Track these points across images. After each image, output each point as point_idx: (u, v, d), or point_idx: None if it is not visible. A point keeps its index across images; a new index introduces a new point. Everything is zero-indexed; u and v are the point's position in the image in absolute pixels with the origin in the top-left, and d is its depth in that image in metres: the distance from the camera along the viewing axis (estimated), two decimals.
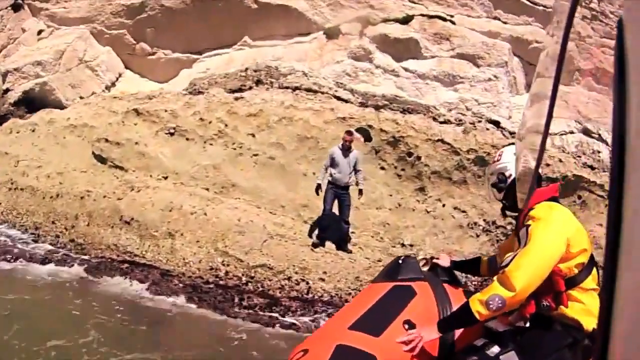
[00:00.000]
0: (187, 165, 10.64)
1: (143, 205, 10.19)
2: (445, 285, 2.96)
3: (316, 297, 8.77)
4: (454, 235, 10.05)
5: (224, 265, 9.24)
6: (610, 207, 0.70)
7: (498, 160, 2.98)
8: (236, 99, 11.06)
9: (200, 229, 9.72)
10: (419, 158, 10.50)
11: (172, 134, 11.04)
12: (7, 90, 13.85)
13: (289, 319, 8.14)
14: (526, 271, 2.43)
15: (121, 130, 11.31)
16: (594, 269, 2.59)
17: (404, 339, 2.52)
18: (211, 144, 10.80)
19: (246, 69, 11.51)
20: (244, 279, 9.05)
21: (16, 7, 15.60)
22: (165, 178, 10.60)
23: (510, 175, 2.82)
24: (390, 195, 10.43)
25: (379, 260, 9.47)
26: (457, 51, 11.53)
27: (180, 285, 8.90)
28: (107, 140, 11.29)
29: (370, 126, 10.68)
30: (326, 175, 9.32)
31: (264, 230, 9.58)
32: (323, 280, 8.93)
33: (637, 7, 0.70)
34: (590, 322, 2.45)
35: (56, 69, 14.12)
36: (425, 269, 3.21)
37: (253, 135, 10.75)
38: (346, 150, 9.22)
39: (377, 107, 10.87)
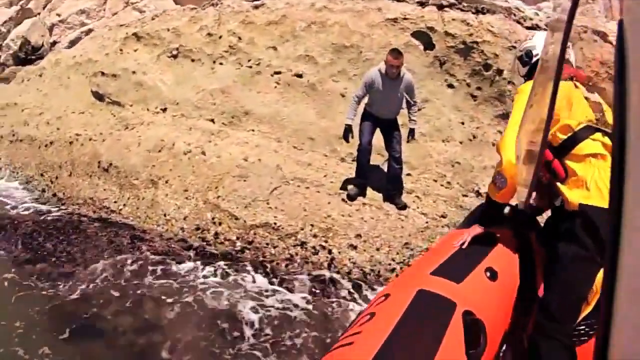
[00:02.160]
0: (190, 92, 7.22)
1: (128, 146, 7.01)
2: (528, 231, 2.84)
3: (342, 272, 5.23)
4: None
5: (214, 223, 5.81)
6: (610, 207, 0.67)
7: (530, 39, 2.98)
8: (255, 7, 7.69)
9: (193, 173, 6.42)
10: (499, 72, 6.72)
11: (175, 57, 7.77)
12: (54, 43, 12.16)
13: (294, 311, 4.76)
14: (504, 138, 2.49)
15: (118, 60, 7.97)
16: (598, 133, 2.42)
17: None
18: (221, 64, 7.27)
19: None
20: (238, 244, 5.59)
21: None
22: (164, 110, 7.27)
23: (537, 54, 2.77)
24: (462, 124, 6.62)
25: (443, 216, 5.77)
26: None
27: (149, 253, 5.65)
28: (103, 74, 8.30)
29: (431, 29, 6.86)
30: (358, 110, 5.82)
31: (277, 173, 6.05)
32: (354, 248, 5.36)
33: (637, 7, 0.67)
34: (577, 196, 2.32)
35: (101, 14, 11.95)
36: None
37: (274, 49, 7.16)
38: (392, 78, 5.58)
39: (441, 7, 7.44)
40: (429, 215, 5.93)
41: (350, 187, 6.02)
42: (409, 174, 6.33)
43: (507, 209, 2.93)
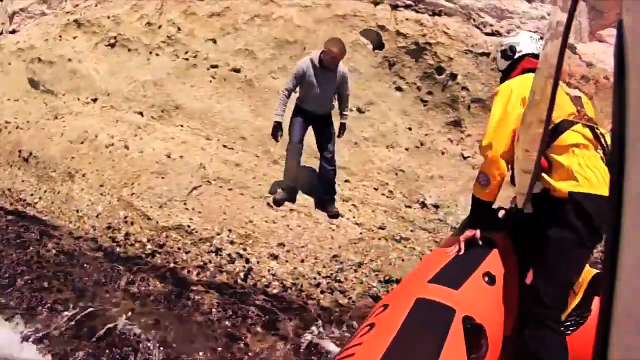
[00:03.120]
0: (123, 83, 6.51)
1: (51, 136, 6.29)
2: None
3: (259, 286, 4.51)
4: (503, 192, 5.80)
5: (126, 223, 5.10)
6: (610, 207, 0.66)
7: (514, 36, 2.98)
8: None
9: (112, 168, 5.68)
10: (453, 77, 6.12)
11: (112, 46, 7.08)
12: (13, 32, 11.51)
13: (194, 328, 3.99)
14: (485, 138, 2.60)
15: (56, 47, 7.28)
16: (579, 125, 2.44)
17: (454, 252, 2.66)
18: (157, 55, 6.59)
19: None
20: (149, 247, 4.86)
21: None
22: (95, 101, 6.53)
23: (521, 51, 2.80)
24: (409, 130, 5.97)
25: (382, 228, 5.10)
26: None
27: (54, 252, 5.14)
28: (40, 61, 7.63)
29: (382, 28, 6.22)
30: (284, 101, 5.09)
31: (199, 172, 5.35)
32: (276, 258, 4.67)
33: (637, 7, 0.67)
34: (566, 185, 2.33)
35: (62, 5, 11.46)
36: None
37: (214, 42, 6.48)
38: (327, 69, 4.95)
39: (396, 7, 6.79)
40: (365, 226, 5.20)
41: (278, 191, 5.29)
42: (347, 181, 5.63)
43: (501, 212, 2.99)
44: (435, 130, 6.07)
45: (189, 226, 4.98)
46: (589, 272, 2.71)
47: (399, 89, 6.19)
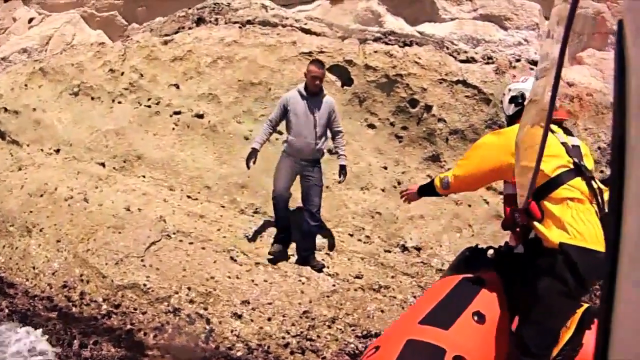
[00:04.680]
0: (85, 133, 6.13)
1: (11, 189, 5.97)
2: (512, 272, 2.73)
3: (221, 349, 4.09)
4: (487, 230, 5.26)
5: (81, 281, 4.77)
6: (611, 206, 0.67)
7: (524, 81, 2.90)
8: (164, 42, 6.73)
9: (70, 222, 5.32)
10: (428, 109, 5.73)
11: (76, 94, 6.78)
12: None
13: None
14: (461, 169, 2.74)
15: (22, 96, 6.93)
16: (577, 179, 2.41)
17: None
18: (120, 102, 6.23)
19: (189, 8, 7.41)
20: (104, 307, 4.45)
21: None
22: (57, 151, 6.18)
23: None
24: (385, 168, 5.61)
25: (358, 277, 4.72)
26: (479, 12, 7.19)
27: (6, 311, 4.74)
28: (6, 110, 7.33)
29: (349, 62, 5.87)
30: (269, 136, 4.90)
31: (158, 226, 4.96)
32: (239, 317, 4.25)
33: (637, 7, 0.67)
34: (557, 235, 2.30)
35: (42, 55, 11.33)
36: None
37: (177, 86, 6.13)
38: (312, 95, 4.68)
39: (364, 40, 6.47)
40: (339, 276, 4.77)
41: (274, 246, 4.92)
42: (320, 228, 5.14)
43: (490, 252, 2.93)
44: (412, 167, 5.67)
45: (144, 284, 4.55)
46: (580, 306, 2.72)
47: (371, 125, 5.82)
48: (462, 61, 6.02)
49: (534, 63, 5.73)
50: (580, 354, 2.57)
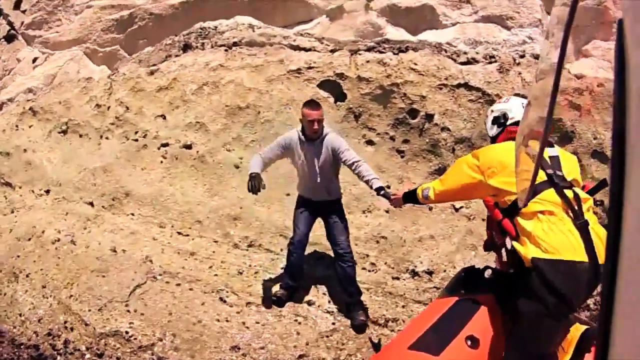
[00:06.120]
0: (74, 171, 5.87)
1: (0, 233, 5.85)
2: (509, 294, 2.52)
3: None
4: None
5: (66, 328, 4.47)
6: (611, 205, 0.65)
7: (506, 102, 2.89)
8: (150, 73, 6.35)
9: (56, 266, 4.99)
10: (429, 118, 5.22)
11: (64, 132, 6.52)
12: None
13: None
14: (441, 183, 2.79)
15: (13, 137, 6.76)
16: (549, 191, 2.35)
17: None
18: (107, 138, 5.93)
19: (175, 35, 7.09)
20: (87, 355, 4.08)
21: (9, 38, 13.07)
22: (47, 192, 5.89)
23: (513, 118, 2.74)
24: (388, 187, 4.95)
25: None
26: (480, 14, 6.70)
27: None
28: None
29: (341, 75, 5.43)
30: (261, 164, 4.01)
31: (143, 267, 4.56)
32: None
33: (637, 7, 0.66)
34: (531, 251, 2.24)
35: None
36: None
37: (163, 117, 5.81)
38: (312, 140, 4.04)
39: (356, 51, 6.02)
40: (341, 312, 4.25)
41: (278, 290, 4.40)
42: (319, 258, 4.73)
43: (487, 272, 2.77)
44: (417, 182, 5.16)
45: (126, 332, 4.16)
46: (576, 328, 2.55)
47: (369, 142, 5.36)
48: (462, 63, 5.53)
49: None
50: None
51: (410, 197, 3.08)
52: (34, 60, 12.39)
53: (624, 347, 0.60)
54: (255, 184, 3.81)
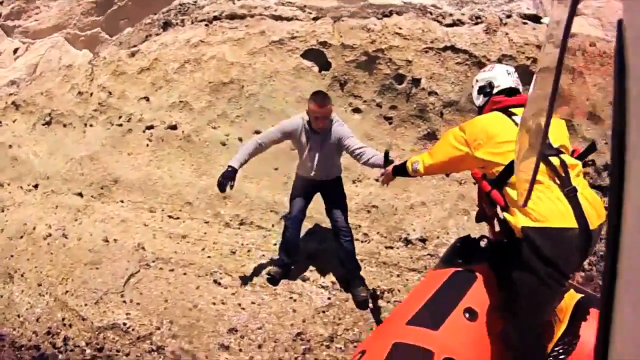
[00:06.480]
0: (60, 163, 5.78)
1: None
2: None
3: None
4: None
5: (64, 325, 4.47)
6: (610, 204, 0.65)
7: (490, 70, 2.85)
8: (131, 54, 6.14)
9: (50, 262, 4.98)
10: (416, 82, 5.08)
11: (48, 124, 6.39)
12: None
13: None
14: (429, 156, 2.76)
15: None
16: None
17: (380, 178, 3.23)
18: (91, 125, 5.84)
19: (155, 13, 6.89)
20: (88, 351, 4.12)
21: None
22: (36, 187, 5.82)
23: (499, 86, 2.72)
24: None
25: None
26: None
27: None
28: None
29: (324, 44, 5.28)
30: (252, 157, 3.81)
31: (135, 255, 4.52)
32: (227, 348, 3.73)
33: (637, 7, 0.66)
34: (519, 220, 2.22)
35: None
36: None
37: (147, 99, 5.68)
38: (318, 133, 3.81)
39: (338, 18, 5.82)
40: (335, 286, 4.25)
41: (272, 268, 4.31)
42: (310, 232, 4.66)
43: (483, 242, 2.79)
44: (406, 149, 5.08)
45: (124, 323, 4.13)
46: (571, 297, 2.54)
47: (356, 110, 5.25)
48: (447, 25, 5.37)
49: (527, 17, 5.04)
50: (579, 347, 2.40)
51: (400, 170, 3.05)
52: (15, 51, 12.16)
53: (624, 347, 0.60)
54: (224, 183, 3.66)
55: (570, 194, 2.21)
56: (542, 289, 2.18)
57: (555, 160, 2.31)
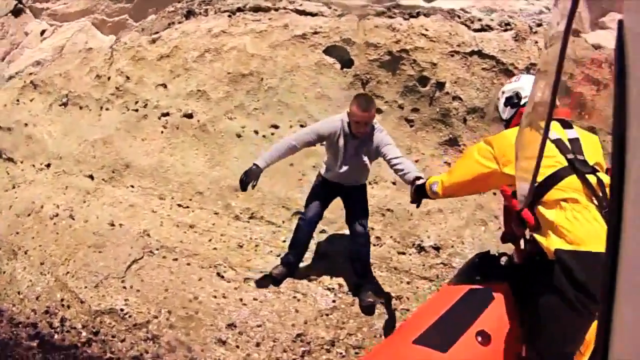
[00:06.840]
0: (74, 144, 5.74)
1: (1, 210, 5.75)
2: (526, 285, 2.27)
3: None
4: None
5: (62, 306, 4.36)
6: (611, 203, 0.65)
7: (517, 80, 2.73)
8: (152, 41, 6.07)
9: (55, 242, 4.89)
10: (440, 86, 4.90)
11: (65, 105, 6.33)
12: None
13: None
14: (449, 175, 2.58)
15: (14, 112, 6.59)
16: (571, 177, 2.14)
17: None
18: (107, 109, 5.79)
19: (179, 1, 6.82)
20: (84, 334, 4.00)
21: (17, 12, 12.87)
22: (48, 166, 5.78)
23: (526, 97, 2.56)
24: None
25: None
26: None
27: None
28: (0, 127, 7.05)
29: (348, 41, 5.13)
30: (281, 159, 3.67)
31: (139, 242, 4.42)
32: (223, 343, 3.61)
33: (637, 7, 0.66)
34: (553, 242, 2.05)
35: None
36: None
37: (164, 86, 5.59)
38: (357, 138, 3.59)
39: (364, 16, 5.67)
40: (342, 288, 4.08)
41: (276, 268, 4.13)
42: (322, 231, 4.56)
43: (503, 259, 2.61)
44: (427, 153, 4.91)
45: (122, 309, 4.04)
46: (594, 330, 2.21)
47: (377, 110, 5.03)
48: (476, 30, 5.18)
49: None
50: None
51: (421, 191, 2.87)
52: (42, 32, 12.22)
53: (624, 347, 0.60)
54: (247, 181, 3.47)
55: (607, 216, 2.03)
56: (570, 317, 2.01)
57: (592, 179, 2.16)
